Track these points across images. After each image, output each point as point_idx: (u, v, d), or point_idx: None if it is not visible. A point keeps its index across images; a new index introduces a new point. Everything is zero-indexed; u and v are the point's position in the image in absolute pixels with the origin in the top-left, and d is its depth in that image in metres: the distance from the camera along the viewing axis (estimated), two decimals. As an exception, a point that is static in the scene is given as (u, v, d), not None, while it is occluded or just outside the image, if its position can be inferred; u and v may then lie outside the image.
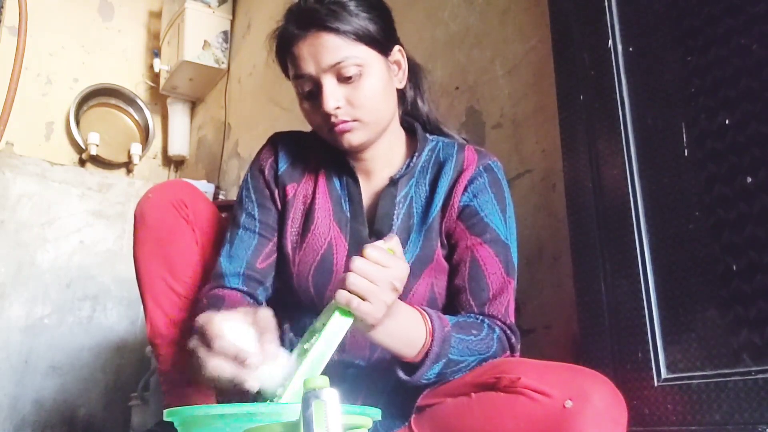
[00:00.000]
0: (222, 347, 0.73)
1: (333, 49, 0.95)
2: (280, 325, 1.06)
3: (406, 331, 0.85)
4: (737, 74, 0.90)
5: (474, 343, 0.91)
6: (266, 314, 0.77)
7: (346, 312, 0.76)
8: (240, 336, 0.74)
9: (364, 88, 0.97)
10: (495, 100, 1.50)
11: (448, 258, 1.04)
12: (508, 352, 0.98)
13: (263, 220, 1.08)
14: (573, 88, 1.14)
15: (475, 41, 1.58)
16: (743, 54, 0.90)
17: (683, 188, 0.95)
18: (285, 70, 1.05)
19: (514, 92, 1.45)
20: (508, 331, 0.98)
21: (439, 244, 1.03)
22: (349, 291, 0.75)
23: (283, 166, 1.10)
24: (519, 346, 0.99)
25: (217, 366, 0.73)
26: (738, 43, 0.90)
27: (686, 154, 0.95)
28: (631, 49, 1.06)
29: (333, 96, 0.96)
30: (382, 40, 1.00)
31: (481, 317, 0.97)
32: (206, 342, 0.75)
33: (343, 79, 0.96)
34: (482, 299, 0.98)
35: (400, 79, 1.06)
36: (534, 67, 1.41)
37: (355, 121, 0.98)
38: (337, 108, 0.96)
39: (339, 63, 0.95)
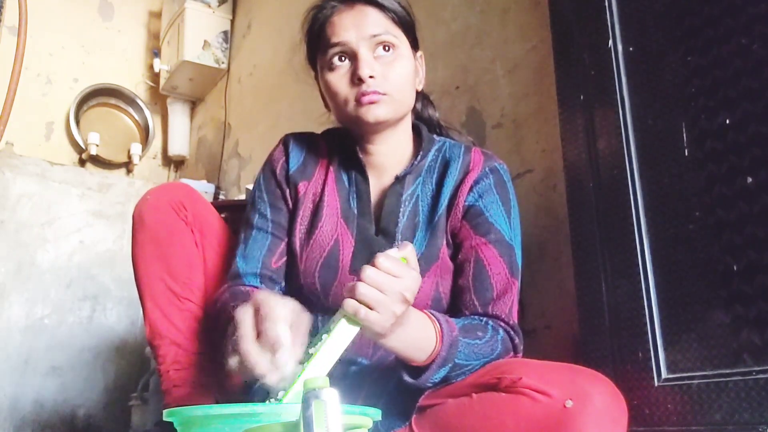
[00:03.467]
0: (267, 330, 0.73)
1: (376, 21, 1.01)
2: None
3: (416, 337, 0.85)
4: (737, 74, 0.90)
5: (479, 347, 0.91)
6: (306, 318, 0.77)
7: (354, 320, 0.75)
8: (284, 325, 0.73)
9: (396, 67, 1.01)
10: (495, 100, 1.50)
11: (453, 257, 1.04)
12: (512, 353, 0.98)
13: (275, 220, 1.09)
14: (573, 88, 1.14)
15: (476, 41, 1.58)
16: (743, 54, 0.90)
17: (683, 188, 0.95)
18: (310, 47, 1.08)
19: (514, 92, 1.45)
20: (512, 332, 0.98)
21: (444, 243, 1.03)
22: (357, 300, 0.74)
23: (294, 165, 1.11)
24: (522, 347, 0.99)
25: (248, 349, 0.72)
26: (738, 43, 0.90)
27: (686, 154, 0.95)
28: (631, 49, 1.06)
29: (369, 65, 0.99)
30: (414, 35, 1.08)
31: (485, 318, 0.97)
32: (257, 314, 0.74)
33: (379, 54, 1.00)
34: (486, 299, 0.98)
35: (420, 81, 1.11)
36: (534, 67, 1.41)
37: (384, 94, 1.00)
38: (371, 77, 0.98)
39: (380, 35, 1.00)
